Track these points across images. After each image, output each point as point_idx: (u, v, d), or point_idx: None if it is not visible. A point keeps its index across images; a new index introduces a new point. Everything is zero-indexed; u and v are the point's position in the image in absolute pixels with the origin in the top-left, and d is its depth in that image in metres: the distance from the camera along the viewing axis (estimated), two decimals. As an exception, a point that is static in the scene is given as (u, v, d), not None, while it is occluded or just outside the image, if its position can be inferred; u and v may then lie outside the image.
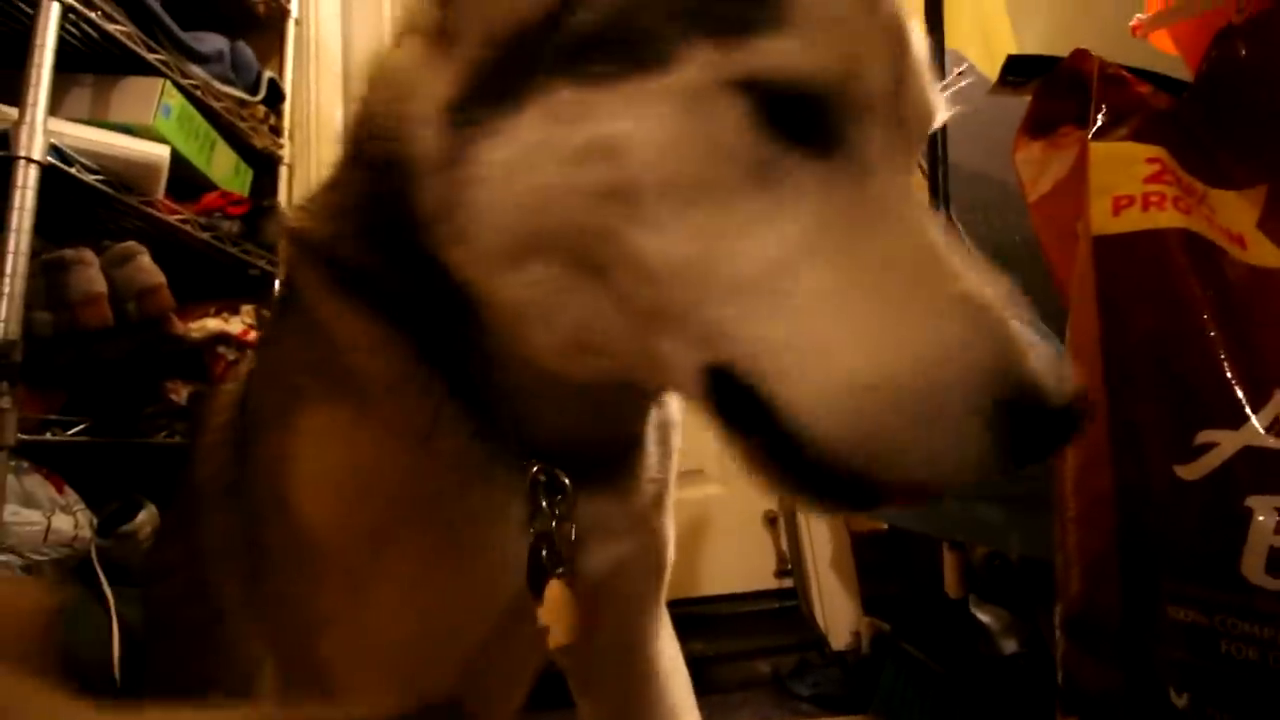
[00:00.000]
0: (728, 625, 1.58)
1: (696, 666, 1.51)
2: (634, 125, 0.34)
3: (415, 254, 0.43)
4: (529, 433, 0.48)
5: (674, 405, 0.60)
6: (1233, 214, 0.67)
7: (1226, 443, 0.52)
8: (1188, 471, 0.54)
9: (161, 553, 0.73)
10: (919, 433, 0.32)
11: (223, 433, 0.60)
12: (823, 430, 0.33)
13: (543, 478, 0.48)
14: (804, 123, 0.35)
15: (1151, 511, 0.56)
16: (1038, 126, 0.83)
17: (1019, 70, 0.84)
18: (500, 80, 0.38)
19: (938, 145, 1.25)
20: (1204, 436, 0.53)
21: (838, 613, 1.52)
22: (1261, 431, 0.51)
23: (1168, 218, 0.62)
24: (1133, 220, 0.63)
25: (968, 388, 0.32)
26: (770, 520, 1.68)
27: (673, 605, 0.69)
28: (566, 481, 0.48)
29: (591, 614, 0.49)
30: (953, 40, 1.54)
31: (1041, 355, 0.33)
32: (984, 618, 1.26)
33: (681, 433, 0.61)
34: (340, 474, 0.47)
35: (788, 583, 1.62)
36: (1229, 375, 0.55)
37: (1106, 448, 0.61)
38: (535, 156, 0.36)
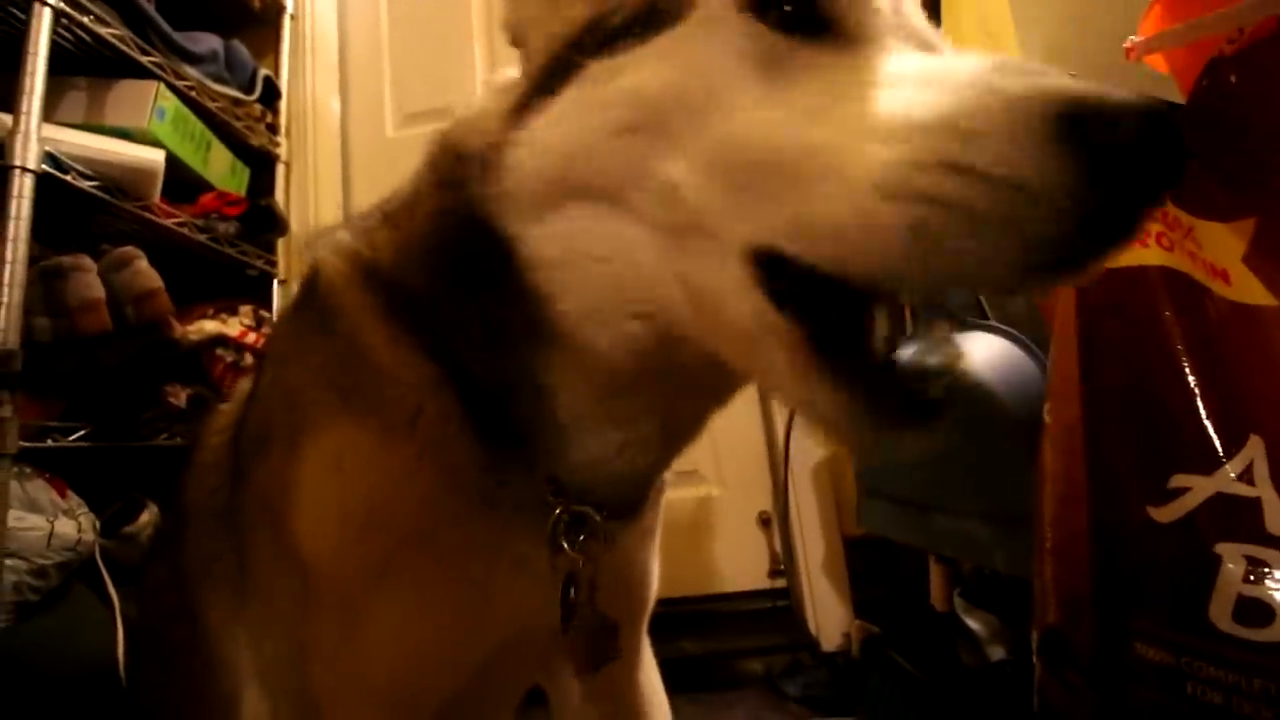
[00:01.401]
0: (721, 624, 1.60)
1: (689, 665, 1.54)
2: (657, 65, 0.40)
3: (477, 262, 0.45)
4: (565, 470, 0.48)
5: None
6: (1219, 247, 0.67)
7: (1199, 488, 0.53)
8: (1161, 514, 0.54)
9: (150, 571, 0.73)
10: (984, 187, 0.28)
11: (217, 454, 0.60)
12: (879, 217, 0.30)
13: (565, 516, 0.48)
14: (804, 22, 0.38)
15: (1126, 551, 0.57)
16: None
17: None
18: (549, 80, 0.44)
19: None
20: (1178, 480, 0.54)
21: (829, 615, 1.54)
22: (1233, 478, 0.52)
23: (1151, 255, 0.62)
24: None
25: (1005, 115, 0.28)
26: (764, 521, 1.70)
27: (667, 604, 0.70)
28: (598, 518, 0.48)
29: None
30: (959, 44, 1.52)
31: (1086, 86, 0.28)
32: (972, 624, 1.27)
33: None
34: (351, 502, 0.47)
35: (781, 583, 1.64)
36: (1205, 419, 0.55)
37: (1084, 484, 0.62)
38: (570, 111, 0.42)
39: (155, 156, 1.33)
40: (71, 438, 1.20)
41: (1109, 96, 0.27)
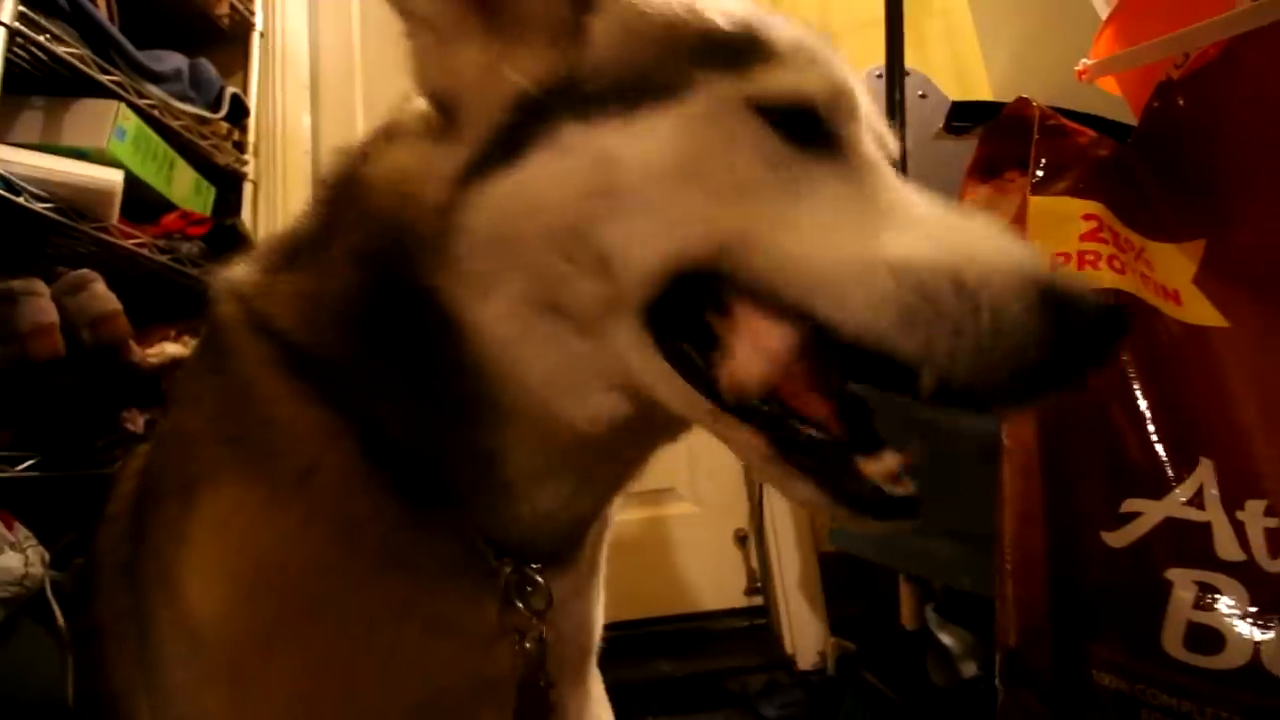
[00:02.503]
0: (697, 644, 1.58)
1: (665, 686, 1.52)
2: (643, 144, 0.40)
3: (408, 330, 0.44)
4: (501, 525, 0.47)
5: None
6: (1170, 268, 0.68)
7: (1150, 512, 0.53)
8: (1115, 539, 0.54)
9: (76, 618, 0.70)
10: (965, 317, 0.34)
11: (124, 502, 0.57)
12: (867, 315, 0.36)
13: (515, 576, 0.47)
14: (804, 130, 0.41)
15: (1083, 575, 0.57)
16: (984, 170, 0.84)
17: (965, 116, 0.85)
18: (508, 141, 0.42)
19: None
20: (1130, 505, 0.54)
21: (805, 633, 1.53)
22: (1183, 502, 0.52)
23: (1102, 277, 0.63)
24: (1068, 279, 0.64)
25: (1009, 275, 0.35)
26: (740, 539, 1.69)
27: (643, 624, 0.69)
28: (541, 580, 0.47)
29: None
30: (922, 63, 1.54)
31: (1065, 274, 0.36)
32: (945, 639, 1.27)
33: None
34: (239, 564, 0.44)
35: (758, 600, 1.63)
36: (1155, 442, 0.55)
37: (1041, 506, 0.62)
38: (540, 178, 0.40)
39: (113, 177, 1.30)
40: (19, 467, 1.16)
41: (1084, 291, 0.35)
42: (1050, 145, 0.72)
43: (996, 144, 0.82)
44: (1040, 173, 0.71)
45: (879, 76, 1.71)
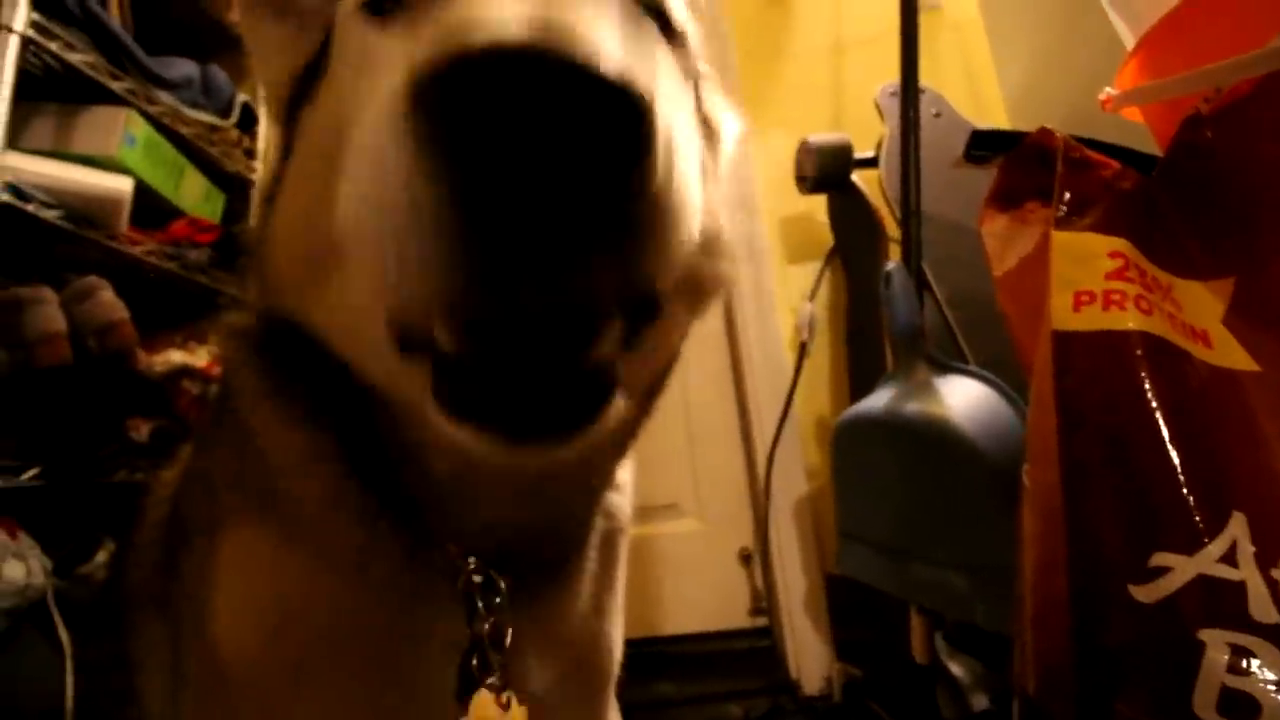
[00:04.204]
0: (699, 666, 1.56)
1: (665, 710, 1.50)
2: (327, 95, 0.40)
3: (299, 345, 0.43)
4: (465, 529, 0.46)
5: (625, 511, 0.58)
6: (1198, 307, 0.66)
7: (1181, 568, 0.51)
8: (1143, 593, 0.52)
9: (96, 646, 0.70)
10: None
11: (154, 533, 0.58)
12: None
13: (478, 578, 0.45)
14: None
15: (1108, 628, 0.55)
16: (1004, 199, 0.82)
17: (985, 145, 0.83)
18: (287, 144, 0.43)
19: (909, 193, 1.22)
20: (1159, 559, 0.52)
21: (810, 657, 1.51)
22: (1216, 559, 0.50)
23: (1129, 318, 0.61)
24: (1093, 319, 0.62)
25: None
26: (745, 557, 1.67)
27: (643, 644, 0.67)
28: (500, 581, 0.45)
29: None
30: (933, 78, 1.52)
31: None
32: (955, 669, 1.24)
33: (655, 468, 0.58)
34: (262, 605, 0.45)
35: (762, 621, 1.60)
36: (1186, 493, 0.53)
37: (1063, 553, 0.60)
38: (294, 172, 0.41)
39: (122, 185, 1.29)
40: (24, 476, 1.15)
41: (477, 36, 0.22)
42: (1074, 178, 0.70)
43: (1017, 174, 0.80)
44: (1064, 207, 0.69)
45: (892, 94, 1.70)
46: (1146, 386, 0.58)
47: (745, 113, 0.56)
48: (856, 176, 1.60)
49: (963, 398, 0.96)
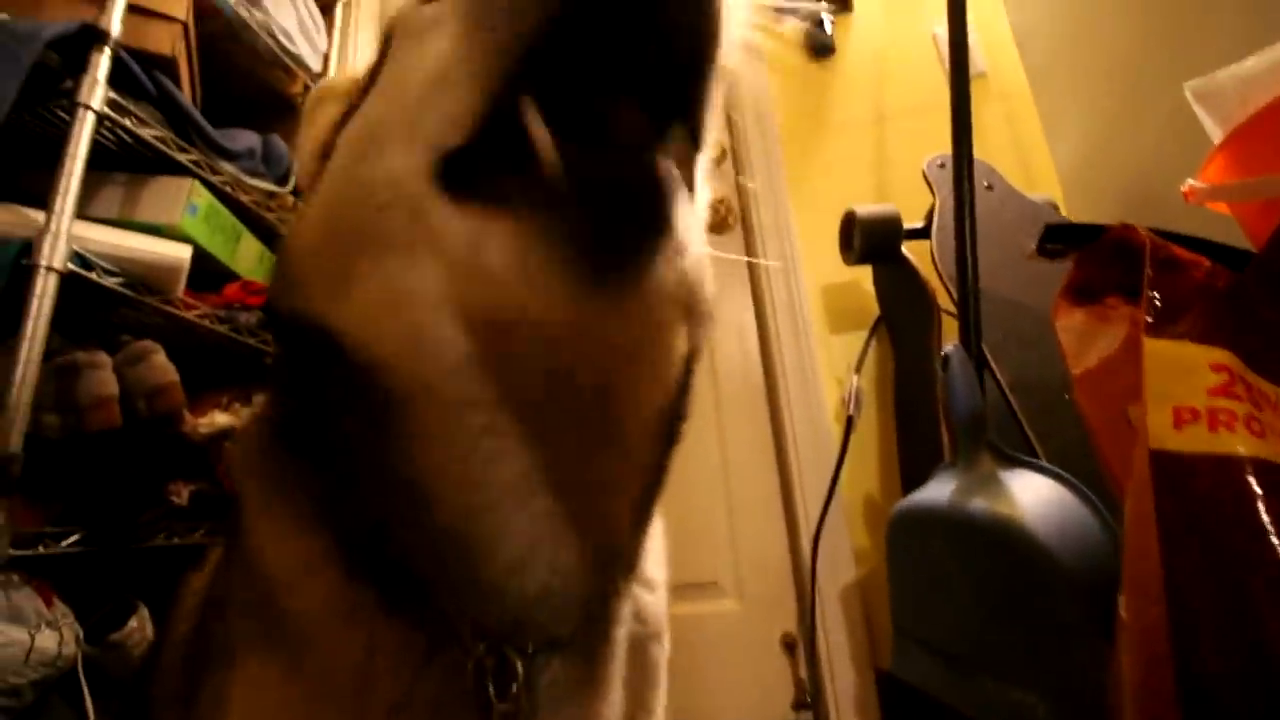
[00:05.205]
0: (738, 762, 1.47)
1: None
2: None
3: (313, 374, 0.43)
4: (479, 591, 0.41)
5: (659, 617, 0.54)
6: (1310, 424, 0.60)
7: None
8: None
9: None
10: None
11: (183, 626, 0.58)
12: None
13: (490, 660, 0.40)
14: None
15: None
16: (1080, 293, 0.78)
17: (1060, 238, 0.79)
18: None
19: (967, 269, 1.18)
20: (1295, 729, 0.46)
21: (859, 760, 1.41)
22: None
23: (1239, 442, 0.55)
24: (1198, 439, 0.57)
25: None
26: (788, 645, 1.58)
27: None
28: (519, 665, 0.40)
29: None
30: (980, 149, 1.48)
31: None
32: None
33: (693, 543, 0.53)
34: None
35: (807, 717, 1.50)
36: (1323, 652, 0.47)
37: (1171, 704, 0.53)
38: (327, 176, 0.45)
39: (181, 253, 1.33)
40: (65, 543, 1.15)
41: None
42: (1164, 280, 0.66)
43: (1095, 267, 0.76)
44: (1155, 311, 0.64)
45: (941, 166, 1.68)
46: (1265, 520, 0.52)
47: (787, 182, 0.56)
48: (905, 248, 1.57)
49: (1035, 496, 0.90)
